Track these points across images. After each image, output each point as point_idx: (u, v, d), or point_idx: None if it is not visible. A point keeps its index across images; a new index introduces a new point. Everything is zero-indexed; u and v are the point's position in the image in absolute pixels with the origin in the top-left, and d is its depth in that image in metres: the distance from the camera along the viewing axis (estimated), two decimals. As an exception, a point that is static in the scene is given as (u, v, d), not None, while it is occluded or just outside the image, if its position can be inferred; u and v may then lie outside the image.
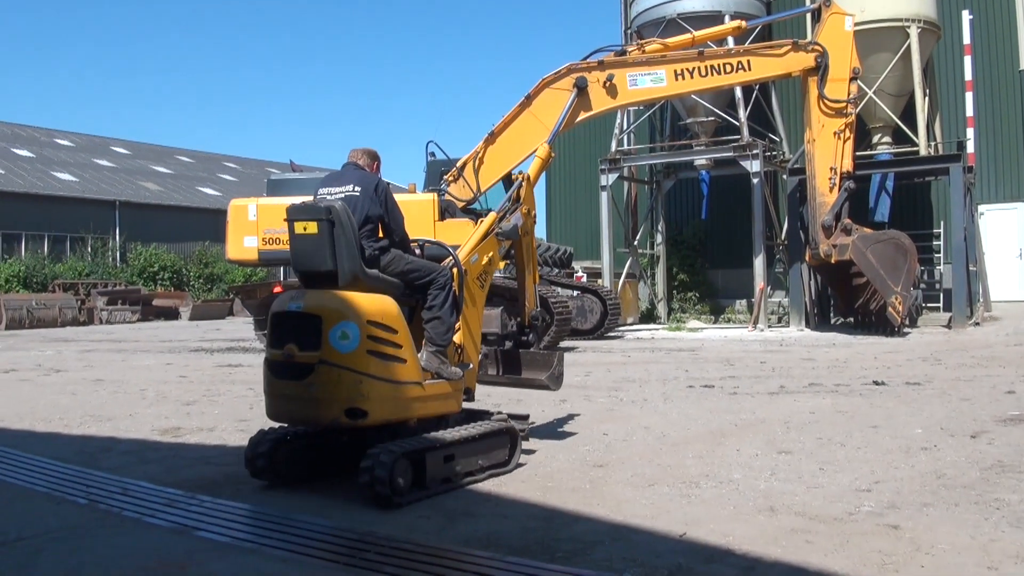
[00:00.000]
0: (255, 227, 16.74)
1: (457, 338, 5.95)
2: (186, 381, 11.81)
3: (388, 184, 5.98)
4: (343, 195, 5.66)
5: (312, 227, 5.37)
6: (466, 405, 6.12)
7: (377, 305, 5.30)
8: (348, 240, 5.33)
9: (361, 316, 5.15)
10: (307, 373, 5.11)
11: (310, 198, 5.51)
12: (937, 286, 22.62)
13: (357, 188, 5.70)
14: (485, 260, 6.37)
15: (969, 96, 21.60)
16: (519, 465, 5.98)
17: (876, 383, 9.95)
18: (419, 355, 5.57)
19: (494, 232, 6.47)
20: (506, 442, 5.89)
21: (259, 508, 5.02)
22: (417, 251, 6.21)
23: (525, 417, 6.66)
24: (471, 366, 6.10)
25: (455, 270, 5.96)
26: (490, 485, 5.48)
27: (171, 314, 32.93)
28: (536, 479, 5.65)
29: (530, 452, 6.37)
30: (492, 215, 6.56)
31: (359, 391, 5.10)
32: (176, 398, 10.00)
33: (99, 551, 4.31)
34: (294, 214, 5.51)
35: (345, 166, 6.01)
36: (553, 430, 7.37)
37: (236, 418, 8.44)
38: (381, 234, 5.77)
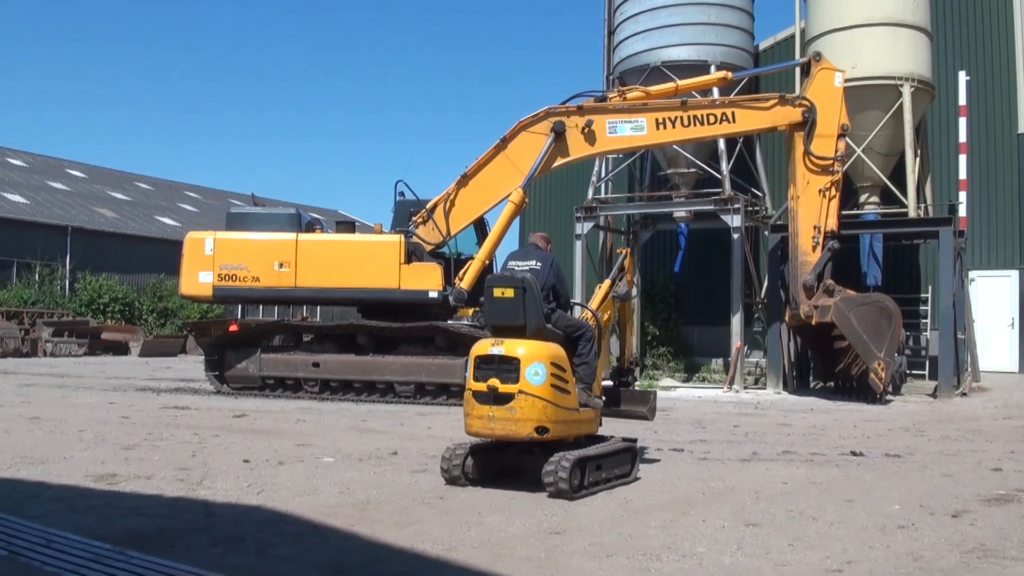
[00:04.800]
0: (211, 262, 16.06)
1: None
2: (128, 423, 11.41)
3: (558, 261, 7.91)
4: (528, 268, 7.51)
5: (509, 292, 7.18)
6: None
7: (555, 351, 7.13)
8: (535, 303, 7.17)
9: (547, 358, 6.97)
10: (508, 400, 6.87)
11: (273, 235, 5.51)
12: (923, 353, 22.04)
13: (539, 263, 7.59)
14: (605, 317, 8.40)
15: (963, 158, 21.04)
16: (636, 478, 7.65)
17: (854, 453, 9.61)
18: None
19: (611, 295, 8.58)
20: (629, 458, 7.71)
21: (189, 568, 4.71)
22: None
23: (634, 440, 7.99)
24: (603, 399, 8.06)
25: (595, 326, 7.84)
26: (438, 550, 5.27)
27: (120, 349, 31.93)
28: (489, 545, 5.42)
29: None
30: (607, 282, 8.65)
31: (546, 414, 6.88)
32: (115, 441, 9.68)
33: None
34: (494, 282, 7.38)
35: (528, 246, 8.05)
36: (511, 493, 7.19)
37: (176, 466, 8.06)
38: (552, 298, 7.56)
